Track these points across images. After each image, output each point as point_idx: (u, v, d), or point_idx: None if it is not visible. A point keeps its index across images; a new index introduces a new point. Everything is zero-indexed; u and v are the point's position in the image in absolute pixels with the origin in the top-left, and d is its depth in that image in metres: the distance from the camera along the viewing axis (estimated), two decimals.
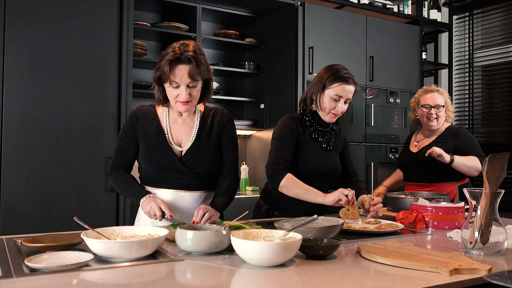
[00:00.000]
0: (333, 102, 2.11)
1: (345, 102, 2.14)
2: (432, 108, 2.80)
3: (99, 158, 2.96)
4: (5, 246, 1.46)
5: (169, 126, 1.94)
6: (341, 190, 1.96)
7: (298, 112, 2.27)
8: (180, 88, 1.81)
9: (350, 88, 2.12)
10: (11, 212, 2.73)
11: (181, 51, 1.78)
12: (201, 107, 2.01)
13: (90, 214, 2.92)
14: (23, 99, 2.79)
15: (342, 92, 2.10)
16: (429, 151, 2.57)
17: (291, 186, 2.04)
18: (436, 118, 2.80)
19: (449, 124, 2.87)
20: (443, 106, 2.83)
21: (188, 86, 1.81)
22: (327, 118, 2.16)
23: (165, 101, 1.91)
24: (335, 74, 2.10)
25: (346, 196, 1.93)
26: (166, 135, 1.92)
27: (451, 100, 4.72)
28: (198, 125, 1.95)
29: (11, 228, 2.69)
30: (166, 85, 1.84)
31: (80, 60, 2.95)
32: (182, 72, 1.78)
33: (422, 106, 2.85)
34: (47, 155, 2.85)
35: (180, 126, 1.95)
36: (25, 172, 2.78)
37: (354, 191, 1.98)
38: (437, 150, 2.55)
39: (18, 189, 2.76)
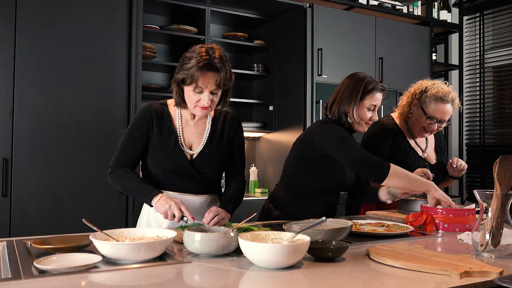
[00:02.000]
0: (369, 112, 2.10)
1: (373, 110, 2.13)
2: (437, 123, 2.37)
3: (109, 160, 2.95)
4: (15, 247, 1.47)
5: (182, 128, 1.90)
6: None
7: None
8: (203, 93, 1.77)
9: (382, 96, 2.13)
10: (22, 213, 2.75)
11: (211, 57, 1.73)
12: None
13: (100, 216, 2.93)
14: (33, 102, 2.81)
15: (377, 101, 2.11)
16: (462, 165, 2.39)
17: (400, 173, 1.94)
18: (432, 130, 2.40)
19: None
20: (449, 122, 2.43)
21: (211, 92, 1.78)
22: (361, 128, 2.14)
23: (184, 103, 1.86)
24: (369, 84, 2.09)
25: None
26: (179, 137, 1.88)
27: (462, 101, 4.72)
28: (209, 129, 1.93)
29: (22, 230, 2.71)
30: (188, 88, 1.79)
31: (90, 63, 2.97)
32: (209, 79, 1.74)
33: (427, 116, 2.35)
34: (57, 157, 2.87)
35: (192, 128, 1.92)
36: (35, 174, 2.80)
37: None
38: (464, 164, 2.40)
39: (29, 191, 2.78)
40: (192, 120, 1.93)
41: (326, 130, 2.09)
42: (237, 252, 1.41)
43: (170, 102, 1.94)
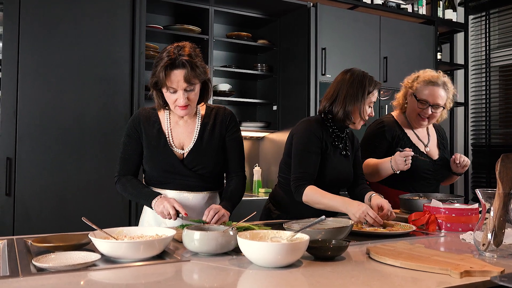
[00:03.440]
0: (369, 108, 2.09)
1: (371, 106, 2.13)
2: (430, 107, 2.38)
3: (112, 160, 2.95)
4: (15, 246, 1.47)
5: (171, 129, 1.92)
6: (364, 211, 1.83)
7: (318, 115, 2.18)
8: (177, 93, 1.78)
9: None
10: (25, 213, 2.76)
11: (176, 55, 1.75)
12: (202, 108, 1.98)
13: (103, 215, 2.94)
14: (37, 101, 2.82)
15: (375, 97, 2.11)
16: (465, 161, 2.37)
17: (312, 201, 1.98)
18: (429, 117, 2.40)
19: None
20: (443, 107, 2.40)
21: (185, 90, 1.78)
22: (359, 126, 2.12)
23: (165, 105, 1.89)
24: (371, 80, 2.08)
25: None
26: (168, 138, 1.90)
27: (467, 101, 4.69)
28: (199, 126, 1.94)
29: (26, 229, 2.71)
30: (164, 90, 1.81)
31: (93, 63, 2.98)
32: (178, 77, 1.75)
33: (418, 100, 2.38)
34: (61, 157, 2.87)
35: (182, 128, 1.94)
36: (39, 173, 2.81)
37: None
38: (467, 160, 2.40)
39: (32, 190, 2.79)
40: (181, 119, 1.94)
41: (300, 130, 2.10)
42: (237, 251, 1.41)
43: None
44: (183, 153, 1.91)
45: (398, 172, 2.21)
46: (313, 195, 1.97)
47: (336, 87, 2.12)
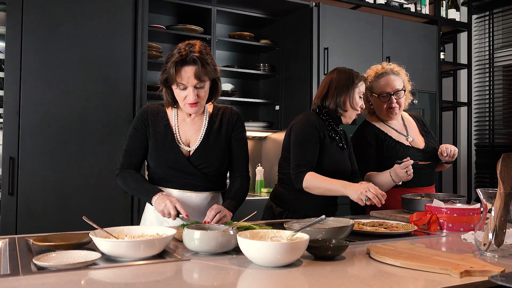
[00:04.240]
0: (359, 99, 2.19)
1: (361, 98, 2.22)
2: (392, 96, 2.40)
3: (114, 159, 2.96)
4: (16, 245, 1.48)
5: (178, 126, 1.93)
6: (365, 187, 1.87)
7: (313, 110, 2.26)
8: (187, 89, 1.80)
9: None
10: (28, 212, 2.77)
11: (187, 52, 1.77)
12: (209, 106, 2.00)
13: (105, 214, 2.95)
14: (39, 101, 2.83)
15: (364, 87, 2.21)
16: (453, 150, 2.37)
17: (312, 186, 2.02)
18: (398, 106, 2.41)
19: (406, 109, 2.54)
20: (404, 90, 2.42)
21: (195, 87, 1.80)
22: (350, 120, 2.21)
23: (174, 103, 1.91)
24: (357, 73, 2.20)
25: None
26: (175, 134, 1.91)
27: (470, 101, 4.68)
28: (206, 125, 1.95)
29: (28, 228, 2.72)
30: (174, 87, 1.83)
31: (96, 62, 2.99)
32: (188, 73, 1.77)
33: (378, 95, 2.41)
34: (64, 156, 2.88)
35: (188, 125, 1.95)
36: (42, 173, 2.82)
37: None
38: (455, 149, 2.39)
39: (35, 190, 2.80)
40: (189, 117, 1.95)
41: (301, 124, 2.16)
42: (237, 250, 1.41)
43: None
44: (189, 151, 1.92)
45: (400, 183, 2.23)
46: (313, 180, 2.01)
47: (326, 85, 2.23)
